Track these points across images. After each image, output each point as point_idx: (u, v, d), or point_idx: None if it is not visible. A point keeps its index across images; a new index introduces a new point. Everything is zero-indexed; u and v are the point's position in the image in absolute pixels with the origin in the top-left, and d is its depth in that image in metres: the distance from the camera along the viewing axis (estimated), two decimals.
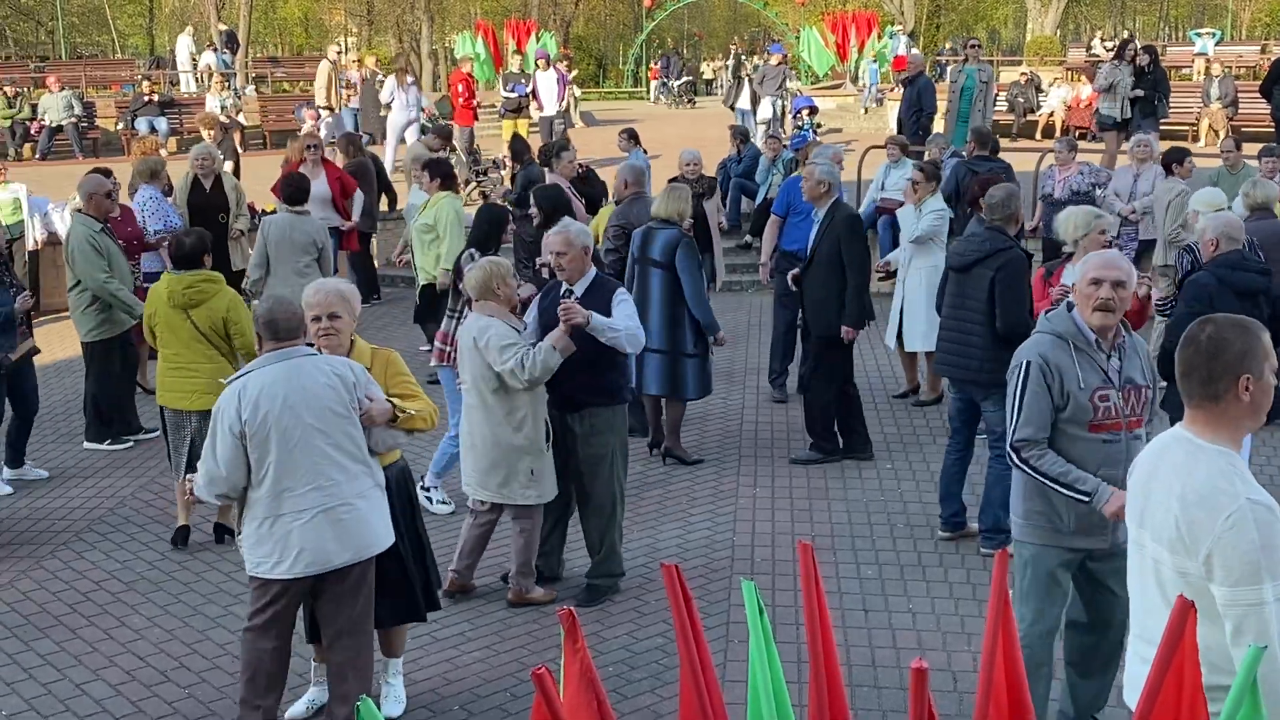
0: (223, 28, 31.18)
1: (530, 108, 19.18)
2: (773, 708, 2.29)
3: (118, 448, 8.57)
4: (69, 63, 34.00)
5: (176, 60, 29.31)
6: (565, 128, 19.36)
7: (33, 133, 21.38)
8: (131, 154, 12.94)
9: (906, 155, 11.88)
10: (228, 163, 14.01)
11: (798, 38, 32.16)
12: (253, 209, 11.34)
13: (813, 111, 18.40)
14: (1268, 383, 2.98)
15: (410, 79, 17.66)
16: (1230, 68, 23.79)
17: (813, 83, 30.36)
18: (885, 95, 24.47)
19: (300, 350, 4.58)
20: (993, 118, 16.04)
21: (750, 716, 2.33)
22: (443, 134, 13.72)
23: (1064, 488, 4.30)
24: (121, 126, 21.68)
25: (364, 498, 4.58)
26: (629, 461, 6.38)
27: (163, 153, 13.10)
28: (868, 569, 6.41)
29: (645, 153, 13.14)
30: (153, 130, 19.58)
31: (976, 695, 2.27)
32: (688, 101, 31.69)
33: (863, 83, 26.48)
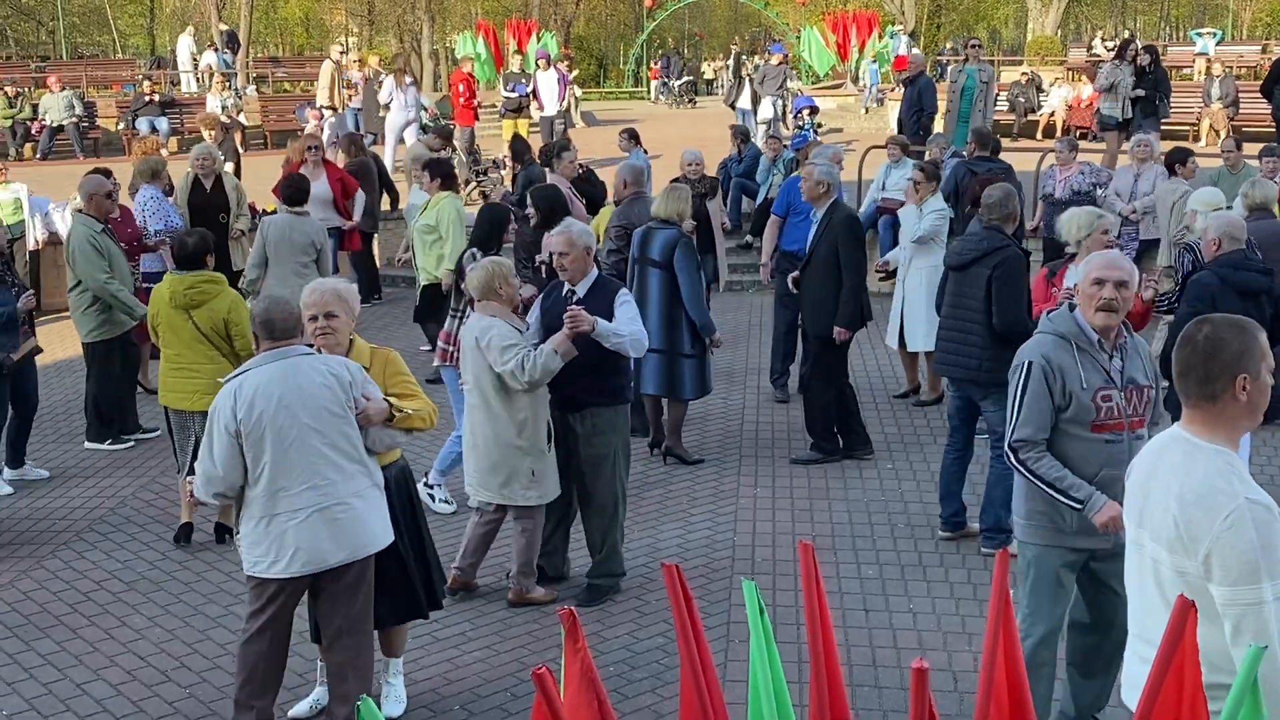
0: (224, 27, 31.17)
1: (531, 108, 19.19)
2: (773, 708, 2.29)
3: (118, 448, 8.57)
4: (70, 63, 34.00)
5: (177, 60, 29.33)
6: (566, 128, 19.35)
7: (33, 133, 21.40)
8: (132, 154, 12.95)
9: (907, 155, 11.88)
10: (229, 163, 14.02)
11: (798, 37, 32.16)
12: (253, 209, 11.34)
13: (813, 111, 18.42)
14: (1265, 382, 2.99)
15: (409, 79, 17.64)
16: (1231, 68, 23.79)
17: (813, 82, 30.35)
18: (886, 95, 24.46)
19: (296, 349, 4.57)
20: (993, 118, 16.03)
21: (751, 716, 2.33)
22: (443, 134, 13.73)
23: (1058, 493, 4.30)
24: (122, 126, 21.69)
25: (360, 497, 4.57)
26: (630, 462, 6.39)
27: (163, 153, 13.10)
28: (868, 569, 6.41)
29: (646, 153, 13.14)
30: (153, 130, 19.58)
31: (977, 695, 2.27)
32: (688, 101, 31.68)
33: (863, 83, 26.47)
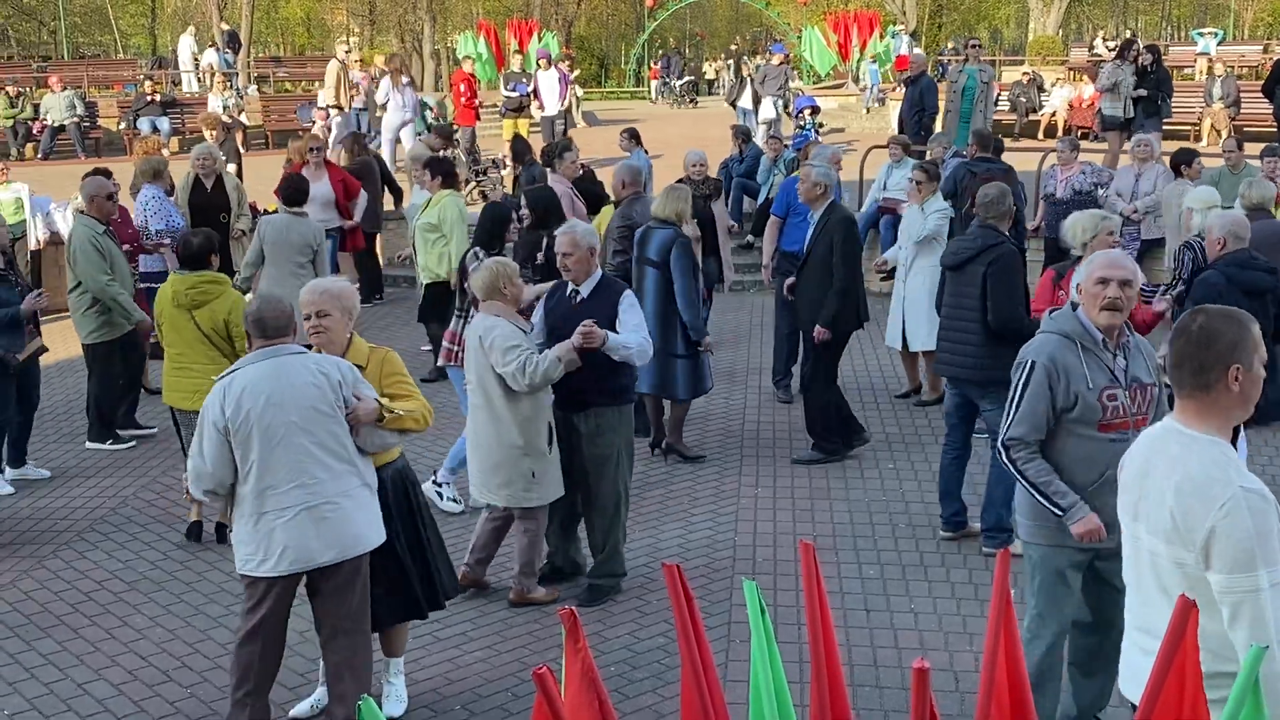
0: (225, 27, 31.20)
1: (532, 107, 19.19)
2: (774, 708, 2.29)
3: (120, 448, 8.57)
4: (71, 62, 34.04)
5: (179, 60, 29.35)
6: (566, 128, 19.35)
7: (35, 132, 21.41)
8: (133, 154, 12.95)
9: (908, 155, 11.88)
10: (231, 164, 14.03)
11: (800, 37, 32.16)
12: (254, 209, 11.35)
13: (814, 111, 18.41)
14: (1257, 374, 3.02)
15: (405, 79, 17.56)
16: (1232, 67, 23.78)
17: (814, 82, 30.36)
18: (887, 95, 24.46)
19: (288, 348, 4.57)
20: (993, 118, 16.02)
21: (752, 716, 2.34)
22: (444, 134, 13.74)
23: (1043, 497, 4.32)
24: (124, 126, 21.70)
25: (349, 496, 4.55)
26: (633, 462, 6.39)
27: (165, 153, 13.12)
28: (869, 569, 6.41)
29: (647, 153, 13.14)
30: (155, 130, 19.59)
31: (978, 695, 2.27)
32: (689, 101, 31.68)
33: (864, 83, 26.46)
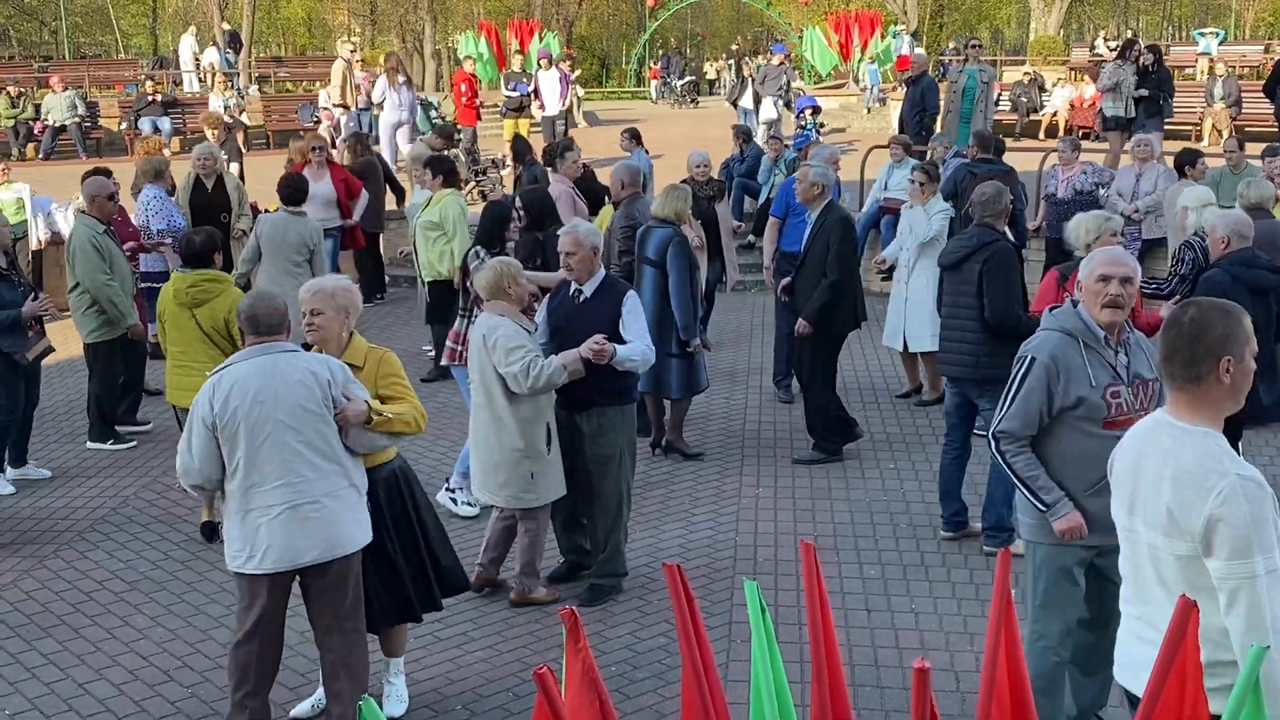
0: (226, 27, 31.20)
1: (533, 107, 19.18)
2: (775, 708, 2.29)
3: (121, 447, 8.58)
4: (72, 63, 34.03)
5: (180, 60, 29.35)
6: (567, 128, 19.34)
7: (36, 132, 21.41)
8: (135, 154, 12.97)
9: (909, 155, 11.87)
10: (233, 164, 14.03)
11: (801, 37, 32.16)
12: (255, 209, 11.36)
13: (815, 111, 18.42)
14: (1248, 366, 3.03)
15: (402, 78, 17.43)
16: (1234, 67, 23.76)
17: (815, 82, 30.35)
18: (888, 95, 24.46)
19: (280, 346, 4.56)
20: (994, 118, 16.01)
21: (753, 716, 2.34)
22: (445, 134, 13.73)
23: (1028, 491, 4.35)
24: (125, 126, 21.70)
25: (335, 496, 4.53)
26: (635, 462, 6.38)
27: (166, 153, 13.12)
28: (870, 569, 6.41)
29: (647, 153, 13.13)
30: (156, 130, 19.59)
31: (979, 695, 2.27)
32: (690, 101, 31.68)
33: (864, 84, 26.46)
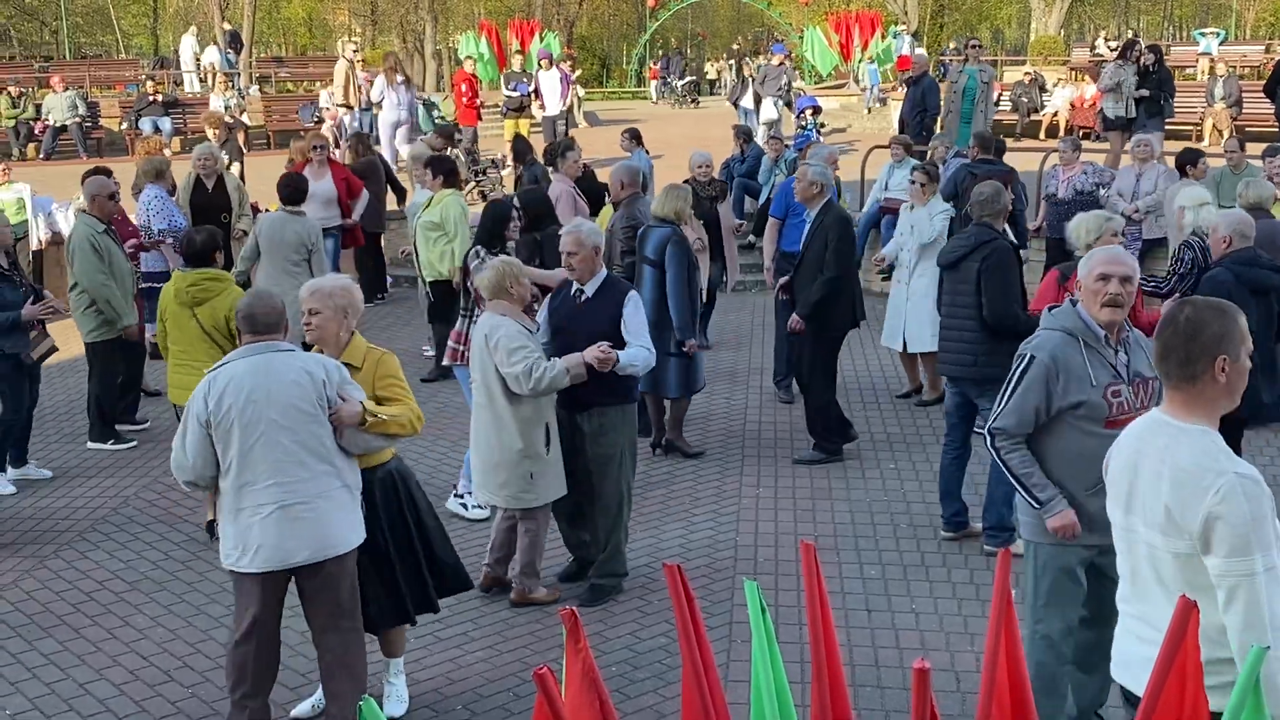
0: (227, 27, 31.20)
1: (533, 107, 19.16)
2: (775, 708, 2.29)
3: (121, 447, 8.58)
4: (73, 63, 34.03)
5: (180, 60, 29.35)
6: (568, 128, 19.34)
7: (37, 133, 21.41)
8: (136, 154, 12.96)
9: (910, 155, 11.87)
10: (235, 164, 14.03)
11: (801, 37, 32.16)
12: (255, 208, 11.36)
13: (816, 111, 18.41)
14: (1243, 365, 3.04)
15: (400, 77, 17.34)
16: (1234, 67, 23.74)
17: (816, 83, 30.35)
18: (888, 96, 24.46)
19: (276, 345, 4.56)
20: (993, 118, 16.01)
21: (753, 717, 2.33)
22: (445, 134, 13.73)
23: (1022, 488, 4.38)
24: (125, 126, 21.70)
25: (326, 497, 4.52)
26: (636, 462, 6.38)
27: (166, 153, 13.12)
28: (871, 569, 6.40)
29: (648, 153, 13.13)
30: (157, 130, 19.59)
31: (979, 695, 2.27)
32: (691, 101, 31.68)
33: (863, 84, 26.46)
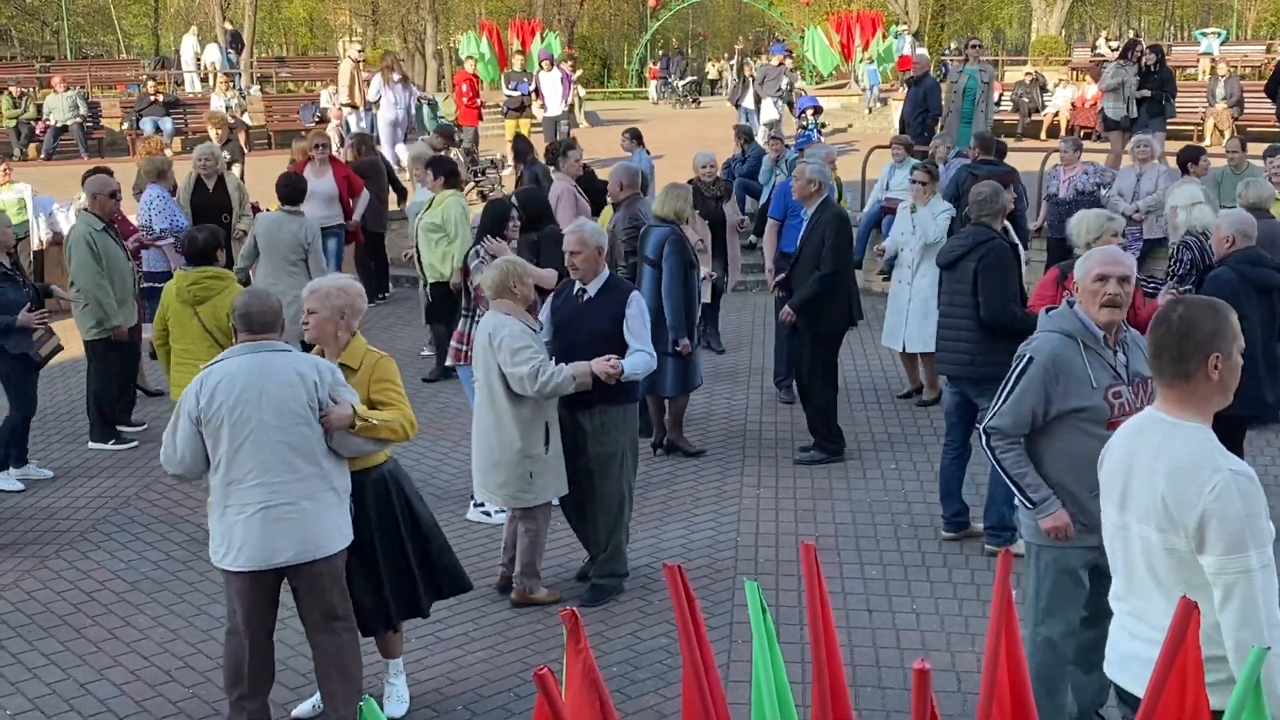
0: (228, 27, 31.22)
1: (534, 107, 19.16)
2: (776, 708, 2.29)
3: (122, 448, 8.58)
4: (74, 63, 34.00)
5: (181, 60, 29.36)
6: (569, 128, 19.34)
7: (38, 133, 21.42)
8: (137, 154, 12.97)
9: (911, 155, 11.87)
10: (235, 165, 14.02)
11: (802, 37, 32.15)
12: (256, 208, 11.36)
13: (817, 111, 18.39)
14: (1235, 362, 3.06)
15: (397, 76, 17.20)
16: (1235, 67, 23.73)
17: (817, 83, 30.35)
18: (888, 96, 24.45)
19: (271, 345, 4.55)
20: (994, 118, 16.00)
21: (754, 717, 2.34)
22: (445, 134, 13.73)
23: (1016, 487, 4.39)
24: (126, 126, 21.70)
25: (312, 499, 4.50)
26: (637, 462, 6.38)
27: (167, 153, 13.12)
28: (871, 569, 6.40)
29: (649, 153, 13.12)
30: (158, 130, 19.60)
31: (980, 695, 2.27)
32: (692, 101, 31.68)
33: (863, 84, 26.45)
